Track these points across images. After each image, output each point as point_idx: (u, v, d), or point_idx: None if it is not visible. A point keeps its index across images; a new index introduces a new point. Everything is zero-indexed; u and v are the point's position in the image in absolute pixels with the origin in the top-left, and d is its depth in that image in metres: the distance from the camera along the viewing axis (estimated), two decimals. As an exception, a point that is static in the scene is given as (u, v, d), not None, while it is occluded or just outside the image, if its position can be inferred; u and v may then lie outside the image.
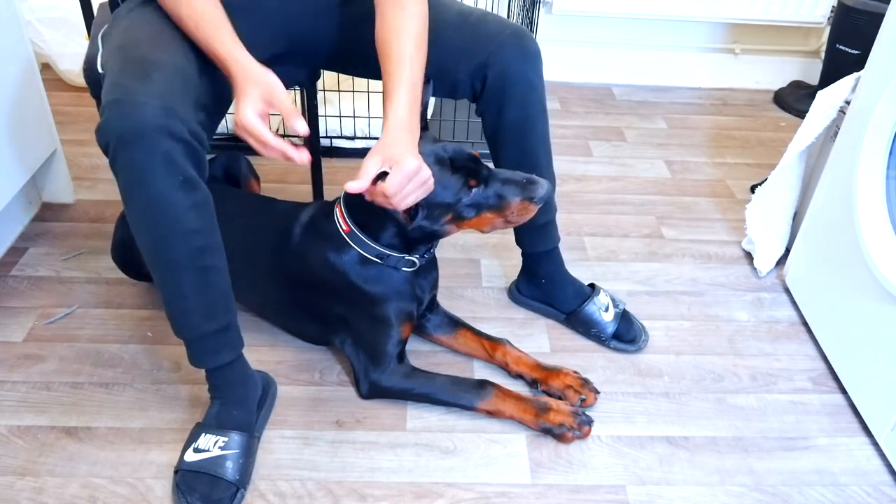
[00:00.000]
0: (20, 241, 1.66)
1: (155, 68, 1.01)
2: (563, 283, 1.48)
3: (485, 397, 1.26)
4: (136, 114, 0.95)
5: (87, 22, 1.64)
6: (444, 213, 1.16)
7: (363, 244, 1.21)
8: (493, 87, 1.24)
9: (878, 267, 1.25)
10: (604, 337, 1.44)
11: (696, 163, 2.15)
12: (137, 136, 0.95)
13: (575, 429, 1.23)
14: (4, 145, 1.52)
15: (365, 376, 1.28)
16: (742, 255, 1.75)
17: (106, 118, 0.96)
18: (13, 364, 1.34)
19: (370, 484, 1.16)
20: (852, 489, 1.20)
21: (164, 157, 0.97)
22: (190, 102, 1.01)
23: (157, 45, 1.06)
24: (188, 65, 1.05)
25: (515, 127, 1.28)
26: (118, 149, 0.96)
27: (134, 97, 0.96)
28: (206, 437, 1.13)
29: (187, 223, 1.02)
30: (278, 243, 1.30)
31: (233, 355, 1.16)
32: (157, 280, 1.08)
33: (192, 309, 1.09)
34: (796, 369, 1.43)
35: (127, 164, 0.97)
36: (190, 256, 1.04)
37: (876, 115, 1.29)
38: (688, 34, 2.55)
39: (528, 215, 1.18)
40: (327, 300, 1.29)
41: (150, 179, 0.97)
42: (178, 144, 0.97)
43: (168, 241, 1.03)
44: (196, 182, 1.01)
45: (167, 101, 0.97)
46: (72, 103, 2.21)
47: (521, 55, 1.23)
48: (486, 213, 1.18)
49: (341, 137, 2.06)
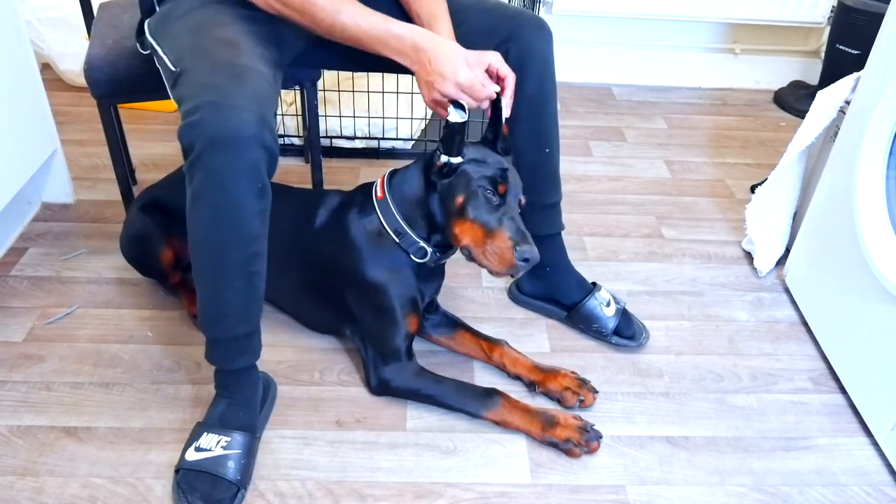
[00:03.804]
0: (20, 241, 1.66)
1: (246, 73, 1.02)
2: (567, 272, 1.49)
3: (491, 407, 1.26)
4: (235, 119, 0.95)
5: (87, 22, 1.64)
6: (463, 191, 1.17)
7: (388, 214, 1.24)
8: (514, 63, 1.27)
9: (878, 267, 1.25)
10: (605, 332, 1.44)
11: (696, 163, 2.15)
12: (233, 141, 0.96)
13: (582, 445, 1.22)
14: (4, 145, 1.52)
15: (375, 372, 1.29)
16: (742, 255, 1.75)
17: (200, 118, 0.96)
18: (13, 364, 1.34)
19: (370, 484, 1.16)
20: (852, 489, 1.20)
21: (251, 165, 0.98)
22: (273, 110, 1.03)
23: (240, 50, 1.07)
24: (268, 72, 1.08)
25: (533, 101, 1.32)
26: (207, 150, 0.96)
27: (233, 101, 0.96)
28: (208, 436, 1.13)
29: (252, 229, 1.04)
30: (302, 226, 1.31)
31: (254, 360, 1.17)
32: (202, 280, 1.08)
33: (231, 312, 1.10)
34: (796, 369, 1.43)
35: (212, 167, 0.97)
36: (245, 261, 1.06)
37: (876, 115, 1.29)
38: (688, 34, 2.55)
39: (500, 265, 1.15)
40: (338, 288, 1.30)
41: (232, 185, 0.98)
42: (265, 153, 0.99)
43: (230, 246, 1.04)
44: (268, 189, 1.03)
45: (262, 108, 0.98)
46: (72, 103, 2.21)
47: (539, 34, 1.30)
48: (479, 226, 1.17)
49: (341, 137, 2.06)
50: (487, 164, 1.20)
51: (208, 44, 1.08)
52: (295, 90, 1.99)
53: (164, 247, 1.39)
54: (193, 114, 0.97)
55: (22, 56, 1.58)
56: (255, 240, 1.06)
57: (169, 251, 1.40)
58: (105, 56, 1.41)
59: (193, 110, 0.97)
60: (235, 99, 0.97)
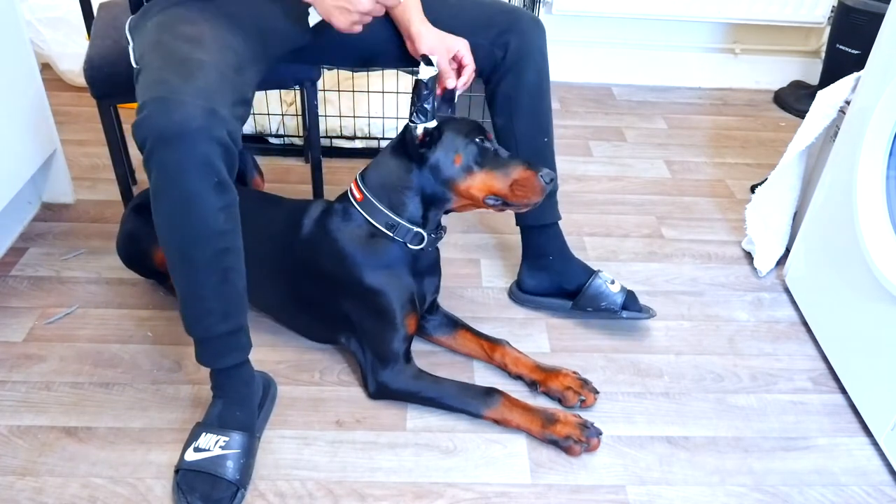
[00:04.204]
0: (20, 241, 1.66)
1: (198, 67, 1.01)
2: (570, 258, 1.52)
3: (491, 405, 1.26)
4: (179, 113, 0.95)
5: (87, 22, 1.64)
6: (457, 150, 1.21)
7: (374, 211, 1.24)
8: (514, 54, 1.34)
9: (878, 267, 1.25)
10: (615, 308, 1.45)
11: (696, 163, 2.15)
12: (179, 135, 0.95)
13: (582, 442, 1.22)
14: (4, 145, 1.52)
15: (373, 376, 1.29)
16: (742, 255, 1.75)
17: (147, 114, 0.96)
18: (13, 364, 1.34)
19: (370, 484, 1.16)
20: (852, 489, 1.20)
21: (202, 159, 0.97)
22: (229, 103, 1.02)
23: (198, 44, 1.07)
24: (227, 65, 1.07)
25: (533, 90, 1.38)
26: (156, 146, 0.96)
27: (178, 95, 0.96)
28: (206, 436, 1.13)
29: (216, 225, 1.03)
30: (288, 237, 1.31)
31: (242, 357, 1.17)
32: (177, 279, 1.08)
33: (210, 310, 1.09)
34: (796, 369, 1.43)
35: (163, 163, 0.97)
36: (214, 257, 1.05)
37: (876, 115, 1.29)
38: (688, 34, 2.55)
39: (533, 195, 1.22)
40: (332, 296, 1.29)
41: (185, 179, 0.98)
42: (217, 147, 0.98)
43: (195, 242, 1.03)
44: (228, 184, 1.02)
45: (210, 101, 0.98)
46: (72, 103, 2.21)
47: (536, 27, 1.37)
48: (494, 171, 1.22)
49: (341, 137, 2.06)
50: (458, 120, 1.25)
51: (168, 40, 1.08)
52: (295, 90, 1.98)
53: (156, 246, 1.38)
54: (142, 111, 0.97)
55: (22, 56, 1.58)
56: (223, 235, 1.04)
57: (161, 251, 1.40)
58: (105, 56, 1.41)
59: (142, 107, 0.98)
60: (181, 94, 0.97)
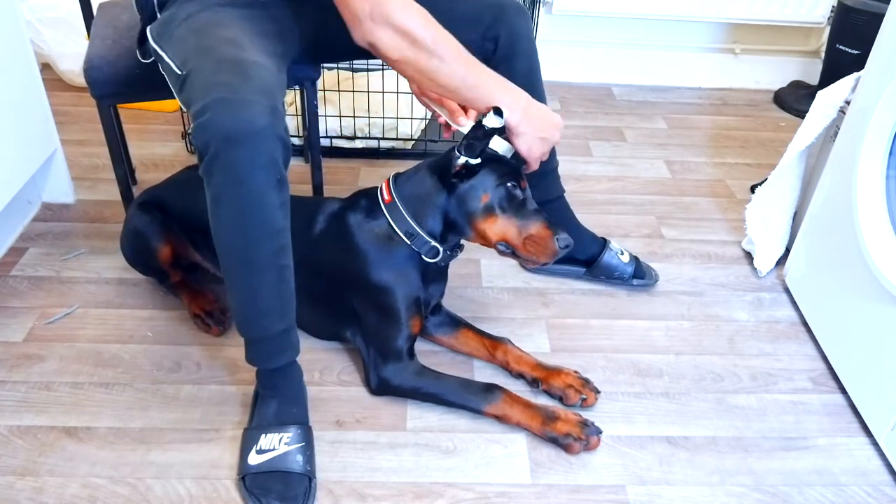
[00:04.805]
0: (20, 241, 1.66)
1: (251, 67, 1.01)
2: (580, 228, 1.58)
3: (492, 401, 1.26)
4: (246, 112, 0.95)
5: (87, 22, 1.64)
6: (487, 189, 1.21)
7: (398, 217, 1.24)
8: (505, 45, 1.37)
9: (878, 267, 1.25)
10: (626, 277, 1.58)
11: (696, 163, 2.15)
12: (247, 134, 0.94)
13: (582, 439, 1.22)
14: (4, 145, 1.52)
15: (375, 371, 1.29)
16: (742, 255, 1.75)
17: (210, 116, 0.95)
18: (13, 364, 1.34)
19: (370, 484, 1.16)
20: (852, 489, 1.20)
21: (268, 157, 0.97)
22: (282, 101, 1.02)
23: (240, 47, 1.07)
24: (272, 64, 1.08)
25: (526, 76, 1.40)
26: (223, 148, 0.95)
27: (241, 95, 0.96)
28: (267, 436, 1.13)
29: (276, 222, 1.03)
30: (303, 232, 1.31)
31: (295, 355, 1.17)
32: (235, 281, 1.08)
33: (269, 309, 1.10)
34: (796, 369, 1.43)
35: (229, 164, 0.96)
36: (274, 255, 1.05)
37: (876, 115, 1.29)
38: (688, 34, 2.55)
39: (543, 255, 1.22)
40: (341, 290, 1.30)
41: (251, 179, 0.97)
42: (279, 144, 0.98)
43: (259, 241, 1.03)
44: (286, 181, 1.02)
45: (272, 99, 0.98)
46: (72, 103, 2.21)
47: (521, 15, 1.40)
48: (513, 219, 1.22)
49: (341, 137, 2.06)
50: (502, 163, 1.24)
51: (211, 43, 1.07)
52: (295, 90, 1.99)
53: (161, 244, 1.39)
54: (204, 114, 0.95)
55: (22, 56, 1.58)
56: (281, 232, 1.05)
57: (166, 248, 1.40)
58: (105, 56, 1.41)
59: (203, 110, 0.96)
60: (244, 93, 0.96)
